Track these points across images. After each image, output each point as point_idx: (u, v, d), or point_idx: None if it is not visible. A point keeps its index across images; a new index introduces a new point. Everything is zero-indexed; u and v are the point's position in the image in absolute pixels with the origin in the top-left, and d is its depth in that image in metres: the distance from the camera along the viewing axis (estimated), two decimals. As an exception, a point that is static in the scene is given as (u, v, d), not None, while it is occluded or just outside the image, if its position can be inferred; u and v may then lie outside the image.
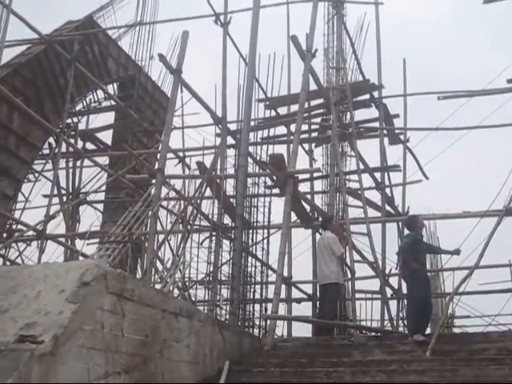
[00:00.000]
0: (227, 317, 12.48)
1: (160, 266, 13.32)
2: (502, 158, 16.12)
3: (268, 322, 12.48)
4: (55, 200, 19.24)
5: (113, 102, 21.57)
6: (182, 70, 13.16)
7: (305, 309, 18.32)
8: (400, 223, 18.23)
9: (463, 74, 34.04)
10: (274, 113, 18.24)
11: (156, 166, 15.73)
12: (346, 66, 19.11)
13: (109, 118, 22.54)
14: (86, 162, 20.62)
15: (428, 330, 12.06)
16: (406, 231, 13.27)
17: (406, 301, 14.39)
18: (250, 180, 13.94)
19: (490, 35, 40.68)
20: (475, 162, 32.35)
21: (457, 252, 12.82)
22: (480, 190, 20.30)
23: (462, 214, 16.13)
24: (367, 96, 19.32)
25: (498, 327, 18.23)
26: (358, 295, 16.40)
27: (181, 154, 17.68)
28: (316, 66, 17.45)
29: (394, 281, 17.75)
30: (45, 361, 5.57)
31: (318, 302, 15.17)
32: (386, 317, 15.95)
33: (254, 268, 13.56)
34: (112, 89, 22.24)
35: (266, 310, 13.51)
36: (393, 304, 17.48)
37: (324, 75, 18.82)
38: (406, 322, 15.28)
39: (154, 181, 14.22)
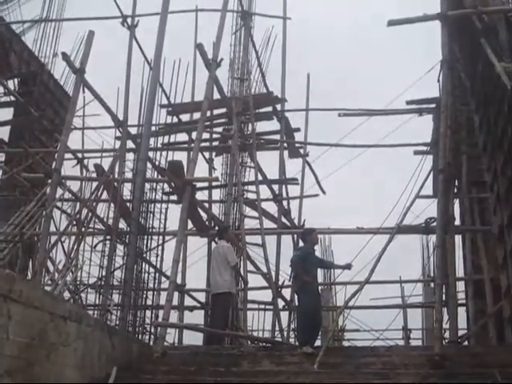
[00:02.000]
0: (117, 322, 12.33)
1: (51, 268, 13.07)
2: (398, 177, 16.53)
3: (159, 328, 12.39)
4: None
5: (12, 98, 21.01)
6: (85, 70, 12.97)
7: (197, 317, 18.30)
8: (295, 235, 18.47)
9: (369, 92, 34.91)
10: (176, 119, 18.17)
11: (53, 166, 15.42)
12: (251, 78, 19.23)
13: (7, 113, 21.94)
14: (-20, 158, 20.02)
15: (319, 343, 12.25)
16: (301, 243, 13.46)
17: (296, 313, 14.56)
18: (147, 185, 13.84)
19: (399, 54, 41.71)
20: (373, 179, 33.08)
21: (348, 267, 13.07)
22: (376, 207, 20.76)
23: (355, 230, 16.49)
24: (270, 108, 19.49)
25: (386, 342, 18.67)
26: (250, 305, 16.53)
27: (79, 155, 17.38)
28: (221, 75, 17.55)
29: (286, 292, 17.95)
30: None
31: (210, 311, 15.17)
32: (277, 328, 16.09)
33: (147, 274, 13.46)
34: (12, 84, 21.68)
35: (157, 316, 13.41)
36: (285, 315, 17.69)
37: (228, 85, 18.92)
38: (296, 333, 15.45)
39: (49, 181, 13.93)
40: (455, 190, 15.86)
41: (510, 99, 9.93)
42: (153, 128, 14.81)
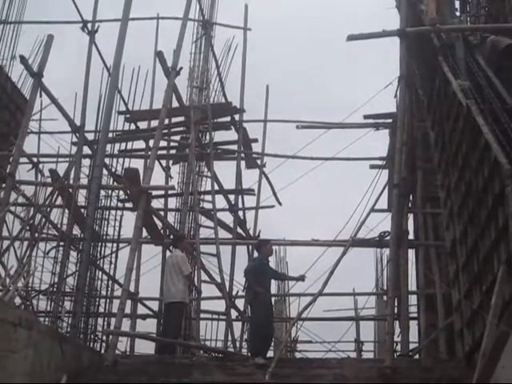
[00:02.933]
0: (69, 330, 12.20)
1: (3, 273, 12.89)
2: (354, 191, 16.69)
3: (110, 337, 12.29)
4: None
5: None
6: (42, 74, 12.86)
7: (150, 325, 18.17)
8: (250, 246, 18.49)
9: (328, 105, 35.14)
10: (134, 126, 18.09)
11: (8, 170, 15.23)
12: (210, 87, 19.24)
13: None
14: None
15: (271, 354, 12.26)
16: (256, 254, 13.48)
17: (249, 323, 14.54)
18: (103, 192, 13.73)
19: (359, 69, 42.13)
20: (330, 192, 33.30)
21: (301, 278, 13.14)
22: (332, 219, 20.89)
23: (310, 242, 16.58)
24: (228, 118, 19.52)
25: (338, 354, 18.76)
26: (203, 315, 16.48)
27: (35, 160, 17.18)
28: (181, 84, 17.53)
29: (240, 303, 17.95)
30: None
31: (162, 320, 15.09)
32: (230, 338, 16.07)
33: (100, 281, 13.34)
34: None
35: (109, 324, 13.30)
36: (238, 326, 17.69)
37: (187, 94, 18.89)
38: (248, 344, 15.45)
39: (3, 185, 13.74)
40: (410, 205, 16.02)
41: (464, 117, 10.07)
42: (110, 134, 14.72)
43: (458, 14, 18.37)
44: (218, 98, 19.84)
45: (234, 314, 17.75)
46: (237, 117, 19.64)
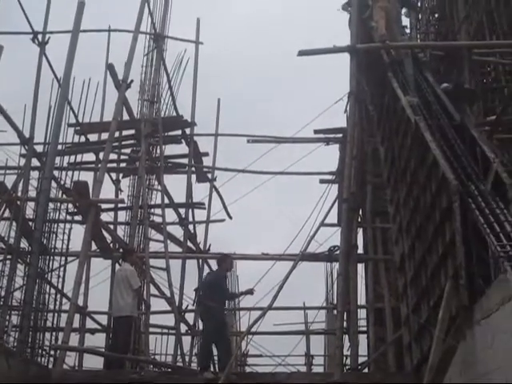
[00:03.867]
0: (15, 344, 12.01)
1: None
2: (305, 205, 16.75)
3: (58, 351, 12.13)
4: None
5: None
6: (-10, 84, 12.71)
7: (99, 340, 17.96)
8: (200, 260, 18.44)
9: (280, 119, 35.27)
10: (84, 139, 17.92)
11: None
12: (161, 100, 19.18)
13: None
14: None
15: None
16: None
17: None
18: (51, 205, 13.56)
19: (311, 83, 42.34)
20: (281, 206, 33.31)
21: (250, 292, 13.15)
22: (283, 233, 20.95)
23: (260, 256, 16.61)
24: (179, 132, 19.48)
25: (288, 368, 18.75)
26: (152, 329, 16.36)
27: (-18, 172, 16.93)
28: (132, 97, 17.44)
29: (189, 317, 17.86)
30: None
31: (111, 334, 14.94)
32: (179, 353, 15.98)
33: (48, 295, 13.16)
34: None
35: (56, 339, 13.12)
36: (187, 340, 17.59)
37: (138, 107, 18.79)
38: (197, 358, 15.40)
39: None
40: (359, 219, 16.16)
41: (413, 133, 10.21)
42: (59, 147, 14.57)
43: (408, 31, 18.69)
44: (169, 111, 19.80)
45: (183, 328, 17.67)
46: (188, 130, 19.60)
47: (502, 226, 7.44)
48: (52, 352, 12.70)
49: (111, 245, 16.80)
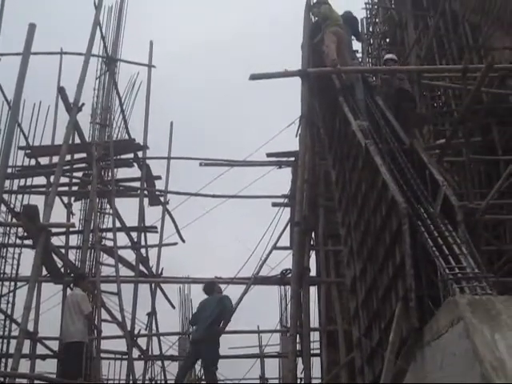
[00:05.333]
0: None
1: None
2: (258, 229, 16.79)
3: (7, 379, 11.91)
4: None
5: None
6: None
7: (49, 366, 17.68)
8: (153, 284, 18.33)
9: (233, 143, 35.35)
10: (34, 162, 17.75)
11: None
12: (113, 124, 19.09)
13: None
14: None
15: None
16: (205, 295, 13.75)
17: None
18: (1, 229, 13.40)
19: (264, 107, 42.60)
20: (234, 229, 33.28)
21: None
22: (236, 257, 20.93)
23: (213, 280, 16.52)
24: (131, 155, 19.40)
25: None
26: (104, 355, 16.17)
27: None
28: (83, 120, 17.32)
29: (142, 341, 17.70)
30: None
31: (62, 360, 14.73)
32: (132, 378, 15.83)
33: (-4, 321, 12.97)
34: None
35: (6, 366, 12.91)
36: (140, 365, 17.44)
37: (90, 130, 18.68)
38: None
39: None
40: (312, 242, 16.22)
41: (363, 156, 10.30)
42: (9, 170, 14.40)
43: (359, 55, 18.95)
44: (121, 134, 19.72)
45: (136, 353, 17.50)
46: (140, 153, 19.53)
47: (451, 248, 7.54)
48: (1, 379, 12.49)
49: (62, 269, 16.60)
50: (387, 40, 22.20)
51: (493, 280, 7.20)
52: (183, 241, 20.15)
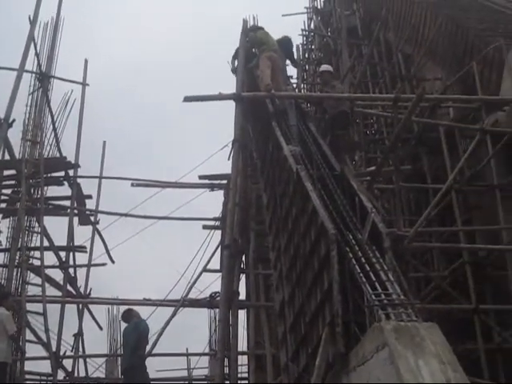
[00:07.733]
0: None
1: None
2: (188, 251, 16.77)
3: None
4: None
5: None
6: None
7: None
8: (80, 305, 18.07)
9: (164, 164, 35.22)
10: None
11: None
12: (45, 141, 18.83)
13: None
14: None
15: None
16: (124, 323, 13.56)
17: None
18: None
19: (197, 129, 42.62)
20: (165, 251, 33.08)
21: None
22: (166, 279, 20.81)
23: (142, 302, 16.42)
24: (62, 173, 19.15)
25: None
26: (28, 376, 15.85)
27: None
28: (15, 136, 17.06)
29: (67, 363, 17.39)
30: None
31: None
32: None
33: None
34: None
35: None
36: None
37: (20, 147, 18.38)
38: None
39: None
40: (242, 266, 16.22)
41: (294, 181, 10.36)
42: None
43: (294, 81, 19.12)
44: (52, 152, 19.46)
45: (61, 375, 17.18)
46: (71, 172, 19.29)
47: (378, 275, 7.62)
48: None
49: (-13, 288, 16.27)
50: (322, 66, 22.50)
51: (418, 306, 7.29)
52: (113, 261, 19.95)
